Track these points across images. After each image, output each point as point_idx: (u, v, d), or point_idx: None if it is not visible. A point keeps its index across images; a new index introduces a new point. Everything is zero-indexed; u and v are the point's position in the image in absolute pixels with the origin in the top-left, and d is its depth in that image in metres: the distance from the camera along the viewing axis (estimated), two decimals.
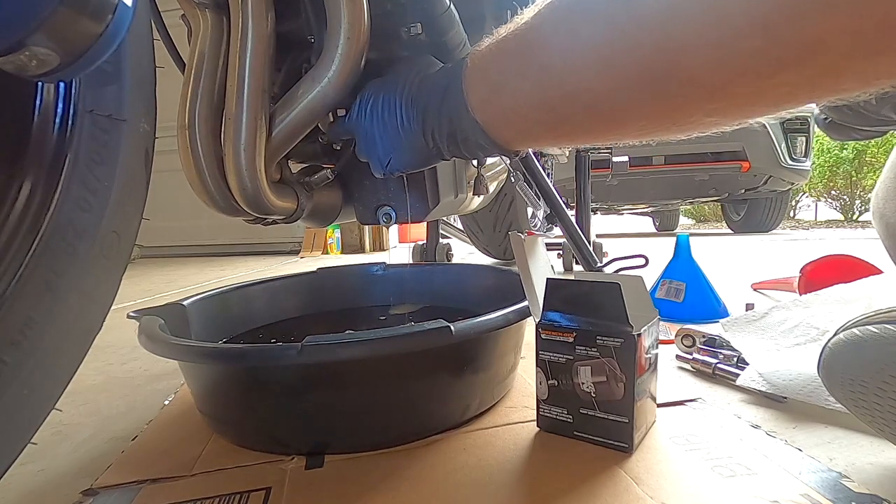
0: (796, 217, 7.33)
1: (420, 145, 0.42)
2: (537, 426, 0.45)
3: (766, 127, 2.88)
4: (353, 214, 0.60)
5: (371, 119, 0.44)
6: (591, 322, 0.41)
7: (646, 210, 4.57)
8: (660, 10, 0.26)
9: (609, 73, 0.29)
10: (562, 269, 1.54)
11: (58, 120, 0.38)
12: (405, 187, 0.56)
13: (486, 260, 1.87)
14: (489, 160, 1.00)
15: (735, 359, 0.59)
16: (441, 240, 1.65)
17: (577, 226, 1.13)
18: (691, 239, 0.96)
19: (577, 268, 1.43)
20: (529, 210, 1.68)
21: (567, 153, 1.49)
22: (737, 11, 0.23)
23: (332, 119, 0.55)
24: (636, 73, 0.28)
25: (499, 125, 0.37)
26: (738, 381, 0.54)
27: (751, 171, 2.94)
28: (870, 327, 0.35)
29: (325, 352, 0.37)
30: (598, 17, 0.29)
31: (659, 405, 0.47)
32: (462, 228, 1.84)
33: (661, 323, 0.61)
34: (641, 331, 0.40)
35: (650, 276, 0.82)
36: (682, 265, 0.93)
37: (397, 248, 3.07)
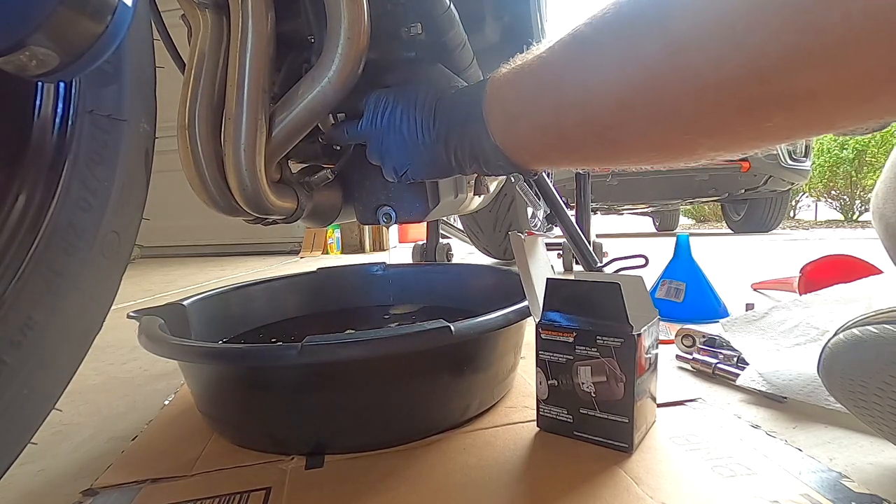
0: (796, 217, 7.32)
1: (441, 161, 0.44)
2: (537, 426, 0.45)
3: None
4: (353, 214, 0.60)
5: (388, 129, 0.46)
6: (591, 322, 0.41)
7: (646, 210, 4.57)
8: (664, 55, 0.27)
9: (618, 110, 0.31)
10: (562, 269, 1.54)
11: (58, 120, 0.38)
12: (405, 187, 0.56)
13: (486, 260, 1.87)
14: None
15: (735, 359, 0.59)
16: (441, 240, 1.65)
17: (577, 226, 1.13)
18: (691, 239, 0.96)
19: (577, 268, 1.43)
20: (529, 210, 1.67)
21: None
22: (735, 61, 0.25)
23: (333, 121, 0.55)
24: (642, 112, 0.30)
25: (518, 150, 0.40)
26: (738, 381, 0.54)
27: (751, 171, 2.94)
28: (870, 327, 0.35)
29: (325, 352, 0.37)
30: (608, 58, 0.31)
31: (659, 405, 0.47)
32: (462, 228, 1.84)
33: (661, 323, 0.61)
34: (641, 331, 0.40)
35: (650, 276, 0.82)
36: (682, 265, 0.93)
37: (397, 248, 3.07)
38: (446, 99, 0.44)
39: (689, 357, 0.62)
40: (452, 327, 0.39)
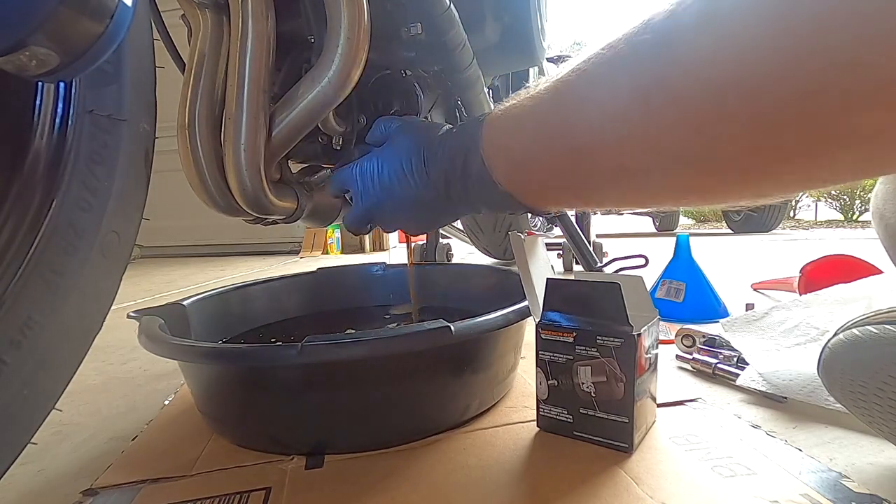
0: (796, 217, 7.32)
1: (439, 209, 0.42)
2: (537, 426, 0.45)
3: None
4: None
5: (379, 186, 0.44)
6: (591, 322, 0.41)
7: (646, 210, 4.57)
8: (667, 110, 0.25)
9: (632, 155, 0.29)
10: (562, 269, 1.54)
11: (58, 120, 0.38)
12: None
13: (486, 260, 1.87)
14: None
15: (735, 359, 0.59)
16: (441, 240, 1.65)
17: (577, 226, 1.13)
18: (691, 239, 0.96)
19: (577, 268, 1.43)
20: None
21: None
22: (778, 101, 0.22)
23: (333, 122, 0.55)
24: (644, 162, 0.28)
25: (527, 194, 0.37)
26: (738, 381, 0.54)
27: None
28: (869, 327, 0.35)
29: (325, 352, 0.37)
30: (616, 112, 0.28)
31: (659, 405, 0.47)
32: (462, 228, 1.84)
33: (661, 323, 0.61)
34: (641, 331, 0.40)
35: (650, 276, 0.82)
36: (682, 265, 0.93)
37: (397, 248, 3.07)
38: (437, 143, 0.41)
39: (689, 357, 0.62)
40: (452, 327, 0.39)
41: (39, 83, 0.38)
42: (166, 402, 0.59)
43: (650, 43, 0.26)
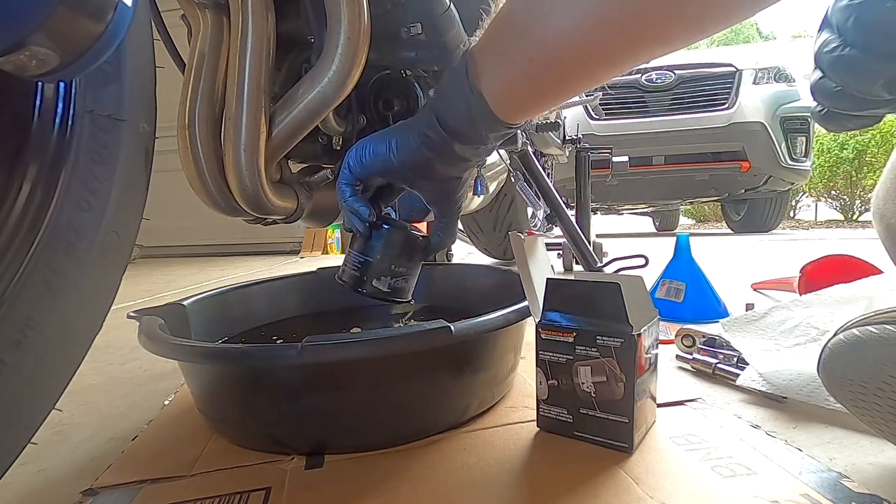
0: (796, 217, 7.31)
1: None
2: (537, 426, 0.45)
3: (766, 127, 2.88)
4: None
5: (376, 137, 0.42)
6: (591, 322, 0.41)
7: (646, 210, 4.56)
8: None
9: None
10: (562, 269, 1.54)
11: (58, 120, 0.38)
12: None
13: (486, 260, 1.87)
14: (489, 160, 1.00)
15: (735, 359, 0.59)
16: None
17: (577, 226, 1.13)
18: (691, 239, 0.96)
19: (577, 268, 1.43)
20: (529, 210, 1.67)
21: (567, 153, 1.49)
22: None
23: (334, 122, 0.55)
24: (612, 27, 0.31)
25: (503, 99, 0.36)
26: (738, 381, 0.54)
27: (751, 171, 2.93)
28: (870, 328, 0.35)
29: (325, 352, 0.37)
30: None
31: (659, 405, 0.47)
32: (462, 228, 1.84)
33: (661, 323, 0.61)
34: (641, 331, 0.40)
35: (650, 276, 0.82)
36: (682, 265, 0.93)
37: None
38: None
39: (689, 357, 0.62)
40: (452, 327, 0.39)
41: (39, 83, 0.38)
42: (166, 402, 0.59)
43: None
